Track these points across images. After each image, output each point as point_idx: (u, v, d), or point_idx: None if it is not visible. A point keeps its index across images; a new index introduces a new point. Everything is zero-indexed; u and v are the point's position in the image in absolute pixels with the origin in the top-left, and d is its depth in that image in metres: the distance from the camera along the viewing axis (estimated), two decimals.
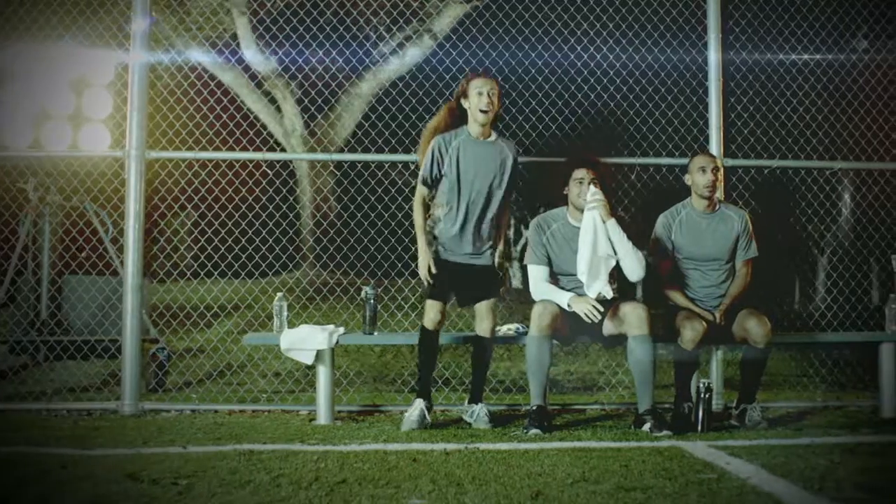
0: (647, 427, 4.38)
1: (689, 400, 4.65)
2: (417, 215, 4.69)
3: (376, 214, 6.63)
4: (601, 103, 6.28)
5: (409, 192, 4.89)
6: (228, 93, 10.24)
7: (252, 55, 10.95)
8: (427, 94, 6.24)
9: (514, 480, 3.18)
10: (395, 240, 6.23)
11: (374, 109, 10.04)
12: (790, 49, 6.41)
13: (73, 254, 6.48)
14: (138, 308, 5.20)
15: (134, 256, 5.20)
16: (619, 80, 6.23)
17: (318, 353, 4.79)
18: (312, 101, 10.30)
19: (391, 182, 6.90)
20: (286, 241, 6.55)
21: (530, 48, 6.97)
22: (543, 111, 6.22)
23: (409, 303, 6.37)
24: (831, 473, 3.34)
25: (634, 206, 6.32)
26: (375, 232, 6.31)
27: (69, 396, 5.61)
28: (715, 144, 5.51)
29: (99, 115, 6.07)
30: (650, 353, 4.45)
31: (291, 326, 4.97)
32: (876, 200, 6.72)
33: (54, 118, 6.01)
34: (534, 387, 4.54)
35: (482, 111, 4.61)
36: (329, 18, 7.06)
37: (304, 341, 4.80)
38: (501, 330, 5.02)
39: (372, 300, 4.97)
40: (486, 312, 4.67)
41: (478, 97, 4.62)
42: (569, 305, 4.59)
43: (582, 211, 4.66)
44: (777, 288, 10.73)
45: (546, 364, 4.52)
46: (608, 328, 4.68)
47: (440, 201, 4.68)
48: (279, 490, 3.02)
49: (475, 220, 4.64)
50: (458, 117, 4.74)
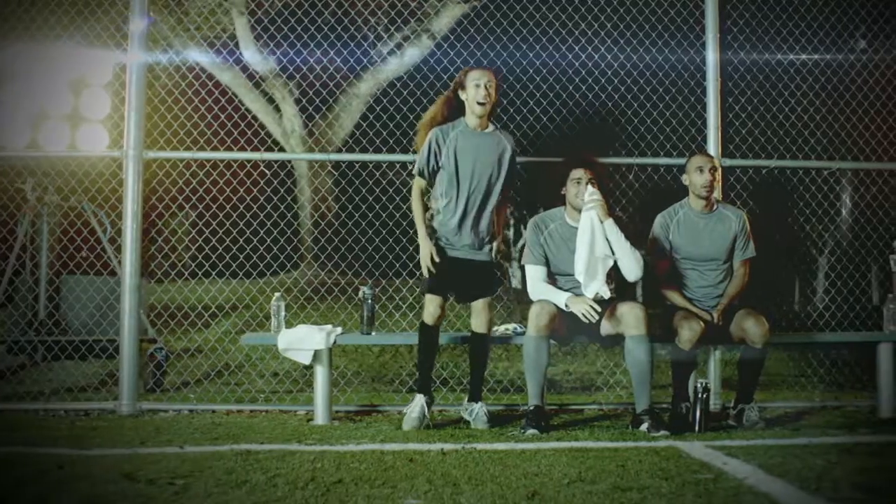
0: (644, 427, 4.38)
1: (686, 400, 4.65)
2: (416, 206, 4.68)
3: (374, 214, 6.63)
4: (599, 103, 6.29)
5: (407, 192, 4.89)
6: (227, 93, 10.25)
7: (251, 55, 10.95)
8: (425, 94, 6.24)
9: (511, 480, 3.18)
10: (392, 240, 6.23)
11: (372, 109, 10.06)
12: (788, 49, 6.42)
13: (71, 254, 6.48)
14: (136, 308, 5.20)
15: (132, 256, 5.20)
16: (616, 80, 6.23)
17: (316, 354, 4.79)
18: (311, 101, 10.31)
19: (389, 182, 6.91)
20: (284, 241, 6.55)
21: (528, 48, 6.97)
22: (542, 111, 6.23)
23: (406, 303, 6.37)
24: (828, 473, 3.34)
25: (632, 206, 6.32)
26: (373, 232, 6.31)
27: (67, 396, 5.60)
28: (713, 144, 5.51)
29: (97, 116, 6.05)
30: (648, 354, 4.45)
31: (289, 326, 4.97)
32: (874, 200, 6.72)
33: (52, 118, 6.00)
34: (531, 387, 4.54)
35: (480, 103, 4.61)
36: (327, 18, 7.06)
37: (302, 341, 4.80)
38: (499, 330, 5.02)
39: (369, 300, 4.97)
40: (482, 308, 4.68)
41: (475, 89, 4.62)
42: (566, 305, 4.58)
43: (580, 211, 4.66)
44: (776, 288, 10.73)
45: (543, 364, 4.52)
46: (606, 328, 4.68)
47: (439, 193, 4.67)
48: (275, 490, 3.02)
49: (474, 212, 4.63)
50: (455, 109, 4.74)
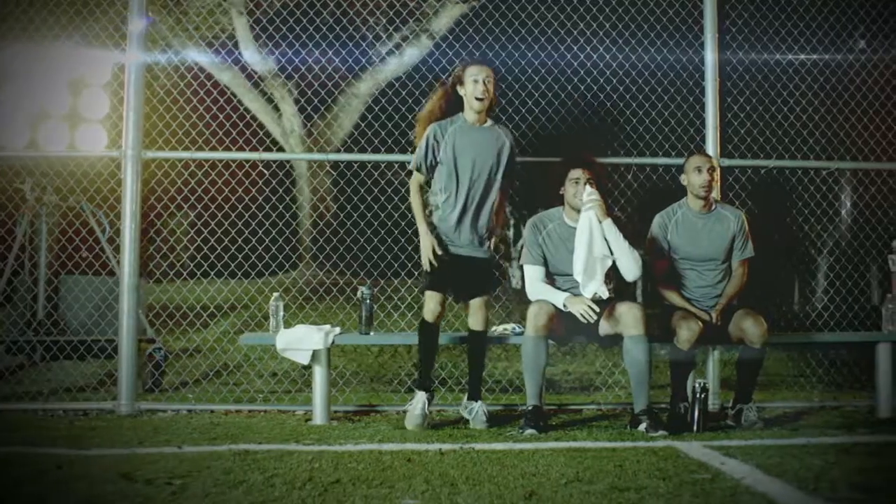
0: (642, 427, 4.38)
1: (685, 400, 4.65)
2: (415, 200, 4.68)
3: (373, 214, 6.63)
4: (598, 103, 6.29)
5: (406, 192, 4.88)
6: (226, 93, 10.25)
7: (250, 55, 10.94)
8: (424, 94, 6.23)
9: (508, 480, 3.18)
10: (391, 240, 6.23)
11: (371, 109, 10.05)
12: (787, 49, 6.42)
13: (70, 254, 6.48)
14: (135, 308, 5.20)
15: (130, 256, 5.20)
16: (615, 80, 6.23)
17: (315, 354, 4.79)
18: (310, 101, 10.30)
19: (388, 182, 6.90)
20: (283, 241, 6.55)
21: (527, 48, 6.97)
22: (540, 111, 6.22)
23: (405, 303, 6.37)
24: (826, 473, 3.34)
25: (631, 206, 6.31)
26: (372, 232, 6.31)
27: (66, 396, 5.61)
28: (711, 144, 5.51)
29: (96, 116, 6.05)
30: (646, 354, 4.45)
31: (288, 326, 4.97)
32: (873, 200, 6.72)
33: (51, 118, 6.00)
34: (530, 387, 4.53)
35: (478, 98, 4.61)
36: (326, 18, 7.05)
37: (301, 341, 4.80)
38: (498, 330, 5.02)
39: (368, 300, 4.97)
40: (479, 306, 4.68)
41: (473, 85, 4.61)
42: (565, 305, 4.58)
43: (578, 211, 4.66)
44: (775, 288, 10.73)
45: (542, 364, 4.52)
46: (604, 328, 4.67)
47: (438, 189, 4.66)
48: (273, 490, 3.02)
49: (474, 207, 4.62)
50: (453, 103, 4.73)
